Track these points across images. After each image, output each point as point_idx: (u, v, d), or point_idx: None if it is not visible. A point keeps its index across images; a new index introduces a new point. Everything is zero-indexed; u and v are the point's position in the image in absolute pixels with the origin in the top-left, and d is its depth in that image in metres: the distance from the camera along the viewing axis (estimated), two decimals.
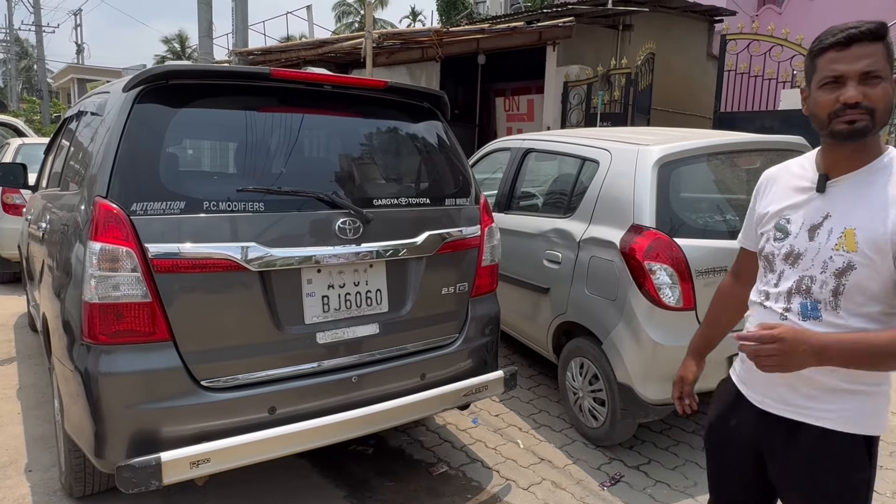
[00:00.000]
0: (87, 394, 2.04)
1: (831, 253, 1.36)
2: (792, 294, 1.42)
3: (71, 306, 2.14)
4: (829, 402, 1.40)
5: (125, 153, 2.08)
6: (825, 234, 1.38)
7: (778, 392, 1.47)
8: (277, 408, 2.24)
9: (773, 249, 1.48)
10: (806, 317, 1.40)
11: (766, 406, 1.51)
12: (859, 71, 1.29)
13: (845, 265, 1.34)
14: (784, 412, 1.47)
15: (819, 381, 1.40)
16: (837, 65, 1.31)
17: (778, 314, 1.44)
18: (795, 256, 1.43)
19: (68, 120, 3.57)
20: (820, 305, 1.38)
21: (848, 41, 1.29)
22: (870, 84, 1.29)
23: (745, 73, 8.05)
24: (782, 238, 1.46)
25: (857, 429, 1.40)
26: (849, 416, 1.40)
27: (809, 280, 1.39)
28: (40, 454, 3.05)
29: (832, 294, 1.36)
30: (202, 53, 11.19)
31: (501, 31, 10.14)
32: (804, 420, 1.44)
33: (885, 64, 1.30)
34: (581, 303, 3.26)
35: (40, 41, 27.27)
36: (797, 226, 1.43)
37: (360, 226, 2.41)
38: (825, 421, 1.41)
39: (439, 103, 2.90)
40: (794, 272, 1.43)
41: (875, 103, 1.29)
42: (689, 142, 3.20)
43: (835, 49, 1.31)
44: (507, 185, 4.15)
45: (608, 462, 3.13)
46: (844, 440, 1.40)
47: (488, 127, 13.82)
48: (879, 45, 1.30)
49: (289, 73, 2.44)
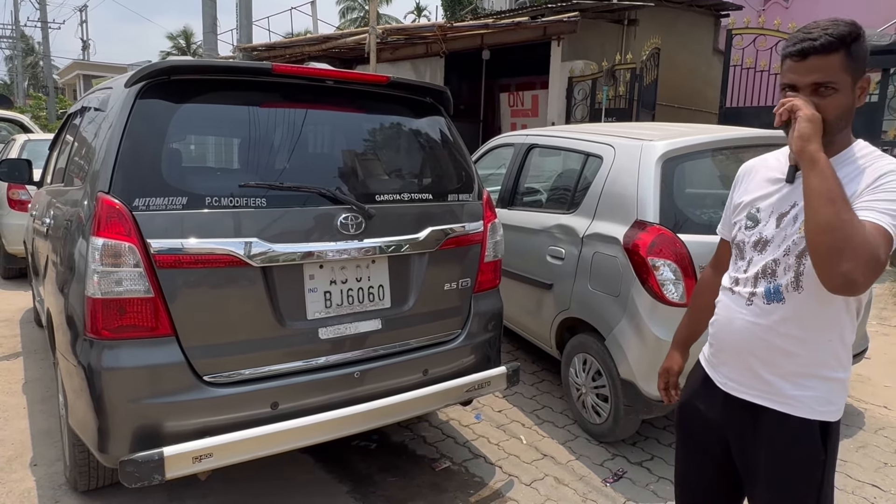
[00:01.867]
0: (90, 389, 2.05)
1: (794, 237, 1.40)
2: (758, 278, 1.47)
3: (74, 301, 2.15)
4: (791, 387, 1.44)
5: (127, 149, 2.09)
6: (791, 219, 1.42)
7: (741, 374, 1.51)
8: (280, 403, 2.25)
9: (744, 238, 1.53)
10: (770, 300, 1.44)
11: (729, 388, 1.55)
12: (810, 83, 1.35)
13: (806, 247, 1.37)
14: (745, 395, 1.51)
15: (782, 366, 1.44)
16: (792, 74, 1.38)
17: (745, 298, 1.49)
18: (763, 244, 1.48)
19: (72, 116, 3.58)
20: (782, 288, 1.42)
21: (802, 55, 1.35)
22: (821, 95, 1.34)
23: (752, 67, 8.01)
24: (752, 227, 1.51)
25: (815, 415, 1.43)
26: (808, 402, 1.43)
27: (773, 263, 1.44)
28: (45, 448, 3.07)
29: (794, 276, 1.41)
30: (206, 49, 11.18)
31: (506, 27, 10.12)
32: (764, 403, 1.47)
33: (842, 74, 1.33)
34: (584, 299, 3.25)
35: (46, 37, 27.33)
36: (766, 214, 1.49)
37: (363, 221, 2.41)
38: (785, 406, 1.44)
39: (442, 98, 2.89)
40: (761, 258, 1.48)
41: (824, 113, 1.33)
42: (693, 137, 3.18)
43: (792, 59, 1.38)
44: (511, 180, 4.14)
45: (611, 458, 3.13)
46: (803, 426, 1.43)
47: (492, 122, 13.80)
48: (836, 56, 1.32)
49: (290, 68, 2.43)
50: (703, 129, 3.71)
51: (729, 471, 1.61)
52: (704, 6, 11.35)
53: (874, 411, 3.68)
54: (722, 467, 1.62)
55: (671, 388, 1.85)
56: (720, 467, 1.63)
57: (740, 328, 1.49)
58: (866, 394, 3.91)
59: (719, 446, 1.60)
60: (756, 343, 1.46)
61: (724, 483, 1.65)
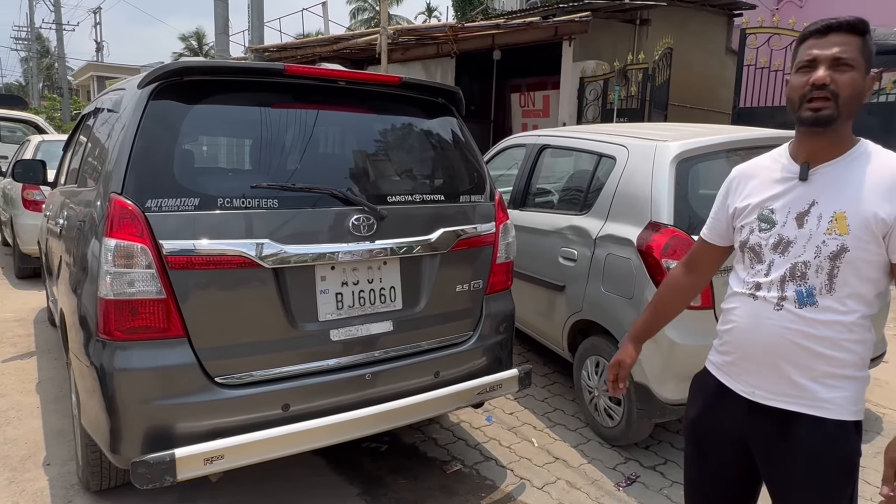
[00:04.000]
0: (102, 389, 2.05)
1: (824, 237, 1.39)
2: (786, 282, 1.44)
3: (87, 302, 2.16)
4: (824, 390, 1.42)
5: (140, 150, 2.09)
6: (815, 219, 1.41)
7: (771, 382, 1.48)
8: (291, 405, 2.24)
9: (760, 240, 1.50)
10: (802, 304, 1.42)
11: (757, 397, 1.51)
12: (831, 56, 1.36)
13: (839, 248, 1.37)
14: (775, 402, 1.47)
15: (817, 369, 1.42)
16: (813, 49, 1.39)
17: (772, 304, 1.46)
18: (785, 244, 1.45)
19: (86, 117, 3.60)
20: (815, 291, 1.41)
21: (826, 30, 1.39)
22: (839, 70, 1.36)
23: (766, 67, 7.93)
24: (768, 228, 1.48)
25: (850, 415, 1.43)
26: (841, 403, 1.42)
27: (804, 266, 1.42)
28: (58, 448, 3.08)
29: (827, 278, 1.39)
30: (219, 50, 11.25)
31: (517, 27, 10.09)
32: (797, 409, 1.45)
33: (858, 56, 1.37)
34: (597, 300, 3.22)
35: (60, 39, 27.66)
36: (783, 215, 1.46)
37: (374, 222, 2.39)
38: (820, 409, 1.42)
39: (454, 99, 2.88)
40: (784, 260, 1.45)
41: (840, 89, 1.35)
42: (708, 138, 3.14)
43: (814, 37, 1.41)
44: (523, 181, 4.11)
45: (624, 462, 3.10)
46: (839, 428, 1.42)
47: (503, 123, 13.76)
48: (855, 38, 1.37)
49: (302, 69, 2.42)
50: (717, 129, 3.67)
51: (746, 481, 1.60)
52: (717, 5, 11.26)
53: (892, 416, 3.62)
54: (741, 479, 1.60)
55: (621, 380, 1.85)
56: (739, 479, 1.60)
57: (771, 334, 1.45)
58: (884, 398, 3.85)
59: (738, 459, 1.57)
60: (790, 348, 1.43)
61: (742, 494, 1.63)
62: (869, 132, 1.53)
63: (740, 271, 1.56)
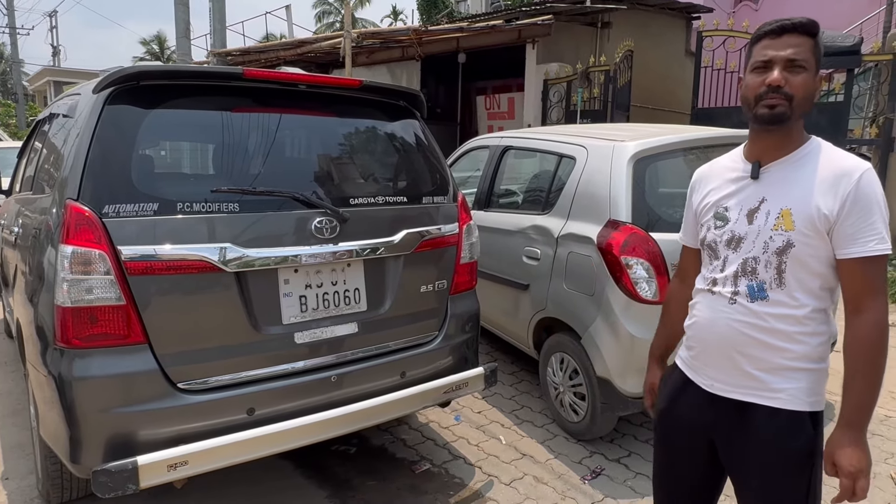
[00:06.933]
0: (61, 399, 2.01)
1: (771, 233, 1.44)
2: (738, 277, 1.49)
3: (44, 311, 2.12)
4: (778, 381, 1.46)
5: (96, 155, 2.07)
6: (763, 216, 1.46)
7: (727, 374, 1.52)
8: (256, 408, 2.23)
9: (715, 237, 1.55)
10: (754, 298, 1.47)
11: (716, 389, 1.55)
12: (785, 57, 1.40)
13: (785, 244, 1.42)
14: (733, 394, 1.52)
15: (770, 361, 1.46)
16: (768, 50, 1.43)
17: (727, 298, 1.51)
18: (737, 241, 1.50)
19: (41, 122, 3.52)
20: (766, 285, 1.45)
21: (780, 31, 1.42)
22: (793, 72, 1.40)
23: (722, 69, 8.15)
24: (723, 225, 1.54)
25: (805, 406, 1.46)
26: (795, 394, 1.45)
27: (753, 261, 1.47)
28: (17, 462, 3.01)
29: (776, 272, 1.44)
30: (180, 55, 11.08)
31: (481, 30, 10.16)
32: (753, 400, 1.49)
33: (811, 57, 1.42)
34: (560, 298, 3.28)
35: (14, 43, 26.83)
36: (736, 212, 1.52)
37: (337, 225, 2.40)
38: (774, 400, 1.46)
39: (416, 102, 2.90)
40: (737, 256, 1.50)
41: (794, 91, 1.40)
42: (664, 137, 3.23)
43: (768, 37, 1.44)
44: (487, 182, 4.16)
45: (589, 456, 3.16)
46: (793, 418, 1.46)
47: (469, 125, 13.84)
48: (808, 39, 1.42)
49: (262, 72, 2.42)
50: (674, 129, 3.77)
51: (711, 473, 1.64)
52: (676, 8, 11.51)
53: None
54: (705, 470, 1.64)
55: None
56: (703, 470, 1.65)
57: (725, 327, 1.50)
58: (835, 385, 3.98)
59: (704, 450, 1.61)
60: (743, 341, 1.47)
61: (707, 485, 1.68)
62: (820, 130, 1.60)
63: (703, 268, 1.62)
